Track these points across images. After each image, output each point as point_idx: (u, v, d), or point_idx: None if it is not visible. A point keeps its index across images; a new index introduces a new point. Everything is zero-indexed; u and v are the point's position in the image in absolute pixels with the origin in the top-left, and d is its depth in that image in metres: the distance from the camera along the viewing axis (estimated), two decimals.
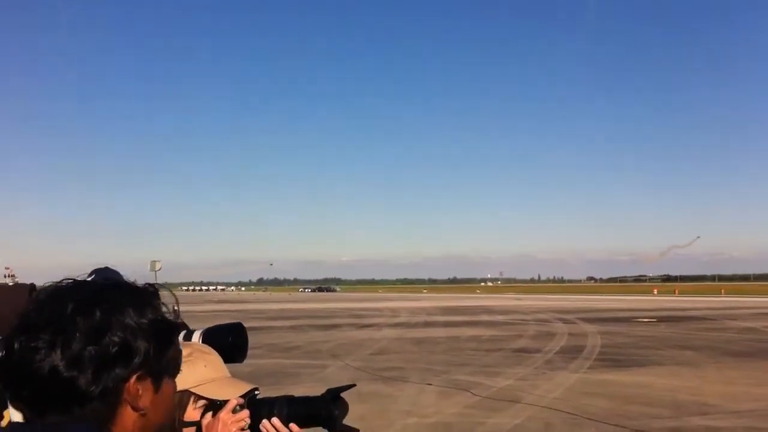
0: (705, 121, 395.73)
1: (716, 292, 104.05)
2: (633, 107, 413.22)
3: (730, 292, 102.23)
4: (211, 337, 2.40)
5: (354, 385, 2.33)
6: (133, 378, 1.30)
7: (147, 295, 1.40)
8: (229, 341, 2.43)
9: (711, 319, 37.98)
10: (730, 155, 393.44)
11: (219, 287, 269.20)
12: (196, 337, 2.38)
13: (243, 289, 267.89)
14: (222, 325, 2.52)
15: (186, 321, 2.31)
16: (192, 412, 2.14)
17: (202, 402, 2.15)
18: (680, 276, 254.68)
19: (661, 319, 38.30)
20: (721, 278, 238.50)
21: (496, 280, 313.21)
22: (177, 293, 1.59)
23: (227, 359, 2.33)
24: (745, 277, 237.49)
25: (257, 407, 2.14)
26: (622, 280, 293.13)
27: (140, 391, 1.32)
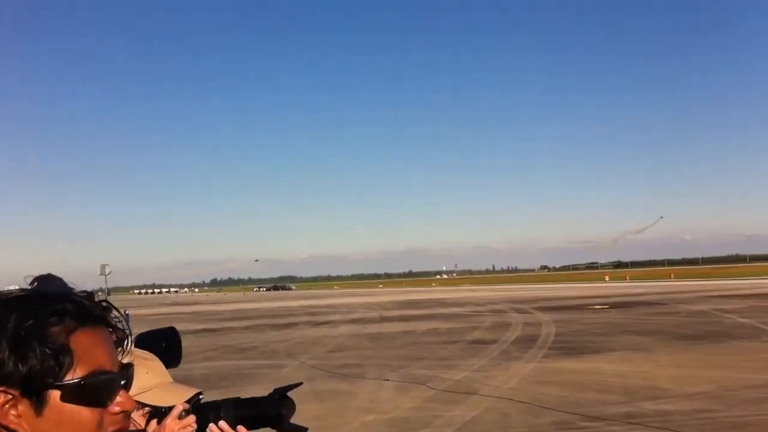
0: (653, 105, 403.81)
1: (666, 277, 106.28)
2: (581, 94, 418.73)
3: (679, 276, 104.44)
4: (144, 343, 2.36)
5: (301, 383, 2.30)
6: None
7: (40, 302, 1.30)
8: (163, 347, 2.39)
9: (661, 304, 38.74)
10: (679, 140, 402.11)
11: (172, 289, 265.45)
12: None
13: (197, 290, 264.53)
14: (154, 330, 2.48)
15: (137, 325, 2.27)
16: (137, 420, 2.10)
17: (146, 409, 2.12)
18: (631, 261, 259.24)
19: (613, 306, 38.95)
20: (671, 263, 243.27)
21: (452, 272, 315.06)
22: (128, 297, 1.52)
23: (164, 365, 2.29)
24: (693, 261, 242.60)
25: (203, 411, 2.10)
26: (575, 267, 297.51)
27: (6, 408, 1.24)
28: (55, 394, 1.25)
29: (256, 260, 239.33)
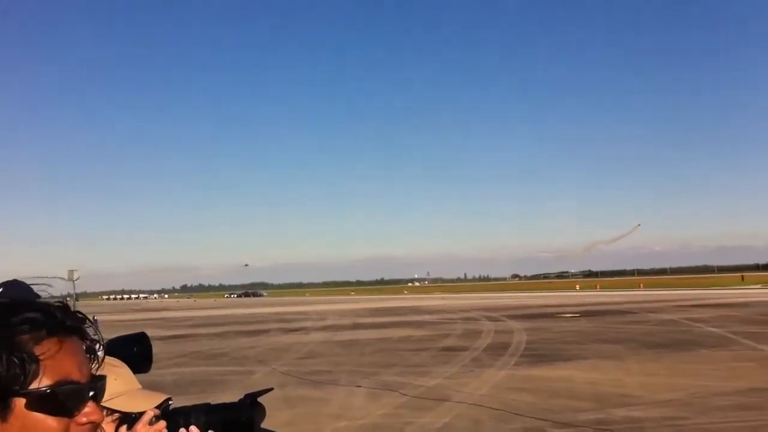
0: (624, 117, 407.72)
1: (635, 286, 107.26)
2: (552, 105, 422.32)
3: (648, 286, 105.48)
4: (115, 348, 2.31)
5: (272, 389, 2.28)
6: None
7: (10, 310, 1.30)
8: (135, 352, 2.35)
9: (631, 313, 39.09)
10: (650, 152, 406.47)
11: (141, 295, 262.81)
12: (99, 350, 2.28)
13: (166, 296, 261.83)
14: (125, 336, 2.44)
15: (106, 332, 2.23)
16: (106, 427, 2.05)
17: (115, 415, 2.08)
18: (601, 271, 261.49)
19: (583, 314, 39.21)
20: (641, 272, 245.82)
21: (423, 280, 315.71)
22: (97, 303, 1.50)
23: (133, 370, 2.26)
24: (662, 271, 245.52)
25: (174, 417, 2.06)
26: (546, 276, 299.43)
27: None
28: (20, 402, 1.26)
29: (246, 264, 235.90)
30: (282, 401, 13.28)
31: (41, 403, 1.27)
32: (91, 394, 1.34)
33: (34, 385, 1.26)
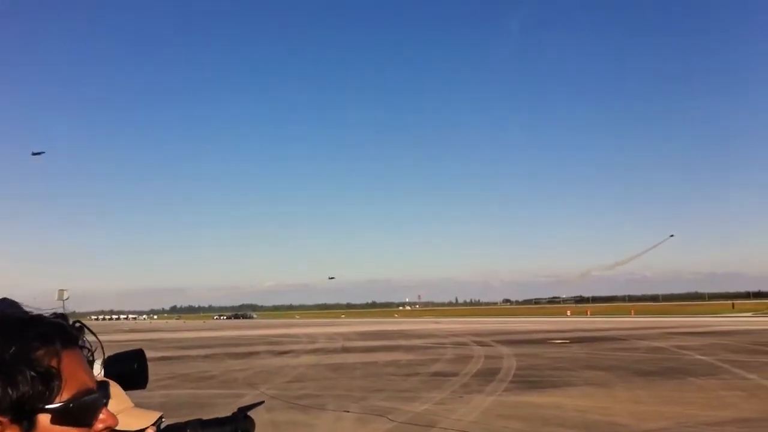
0: (617, 147, 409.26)
1: (626, 313, 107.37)
2: (549, 131, 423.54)
3: (639, 313, 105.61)
4: (116, 364, 2.35)
5: (263, 402, 2.36)
6: None
7: (20, 326, 1.32)
8: (135, 368, 2.40)
9: (621, 339, 39.10)
10: (642, 179, 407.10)
11: (130, 316, 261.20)
12: (97, 367, 2.31)
13: (155, 317, 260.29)
14: (123, 352, 2.48)
15: (97, 352, 2.26)
16: None
17: None
18: (593, 297, 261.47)
19: (573, 340, 39.19)
20: (632, 299, 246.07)
21: (415, 303, 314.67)
22: (86, 323, 1.53)
23: (132, 386, 2.31)
24: (654, 297, 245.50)
25: None
26: (537, 301, 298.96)
27: None
28: (44, 418, 1.29)
29: (332, 278, 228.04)
30: (270, 426, 13.21)
31: (65, 417, 1.30)
32: (104, 401, 1.39)
33: (57, 400, 1.29)
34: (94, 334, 1.55)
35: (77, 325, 1.45)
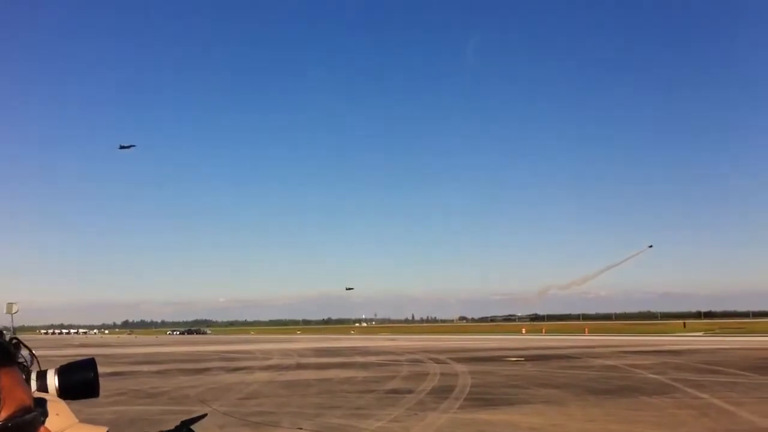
0: (578, 163, 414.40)
1: (580, 331, 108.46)
2: (504, 146, 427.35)
3: (593, 331, 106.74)
4: (71, 373, 2.29)
5: (205, 415, 2.30)
6: None
7: None
8: (89, 377, 2.33)
9: (575, 358, 39.45)
10: (600, 198, 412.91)
11: (81, 330, 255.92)
12: (50, 376, 2.25)
13: (107, 332, 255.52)
14: (77, 361, 2.41)
15: (45, 367, 2.24)
16: None
17: None
18: (548, 315, 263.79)
19: (528, 358, 39.43)
20: (586, 317, 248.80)
21: (371, 320, 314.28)
22: (34, 337, 1.47)
23: (85, 395, 2.27)
24: (607, 316, 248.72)
25: None
26: (493, 319, 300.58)
27: None
28: None
29: (350, 288, 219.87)
30: None
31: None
32: (42, 419, 1.33)
33: None
34: (30, 350, 1.49)
35: (14, 341, 1.40)
